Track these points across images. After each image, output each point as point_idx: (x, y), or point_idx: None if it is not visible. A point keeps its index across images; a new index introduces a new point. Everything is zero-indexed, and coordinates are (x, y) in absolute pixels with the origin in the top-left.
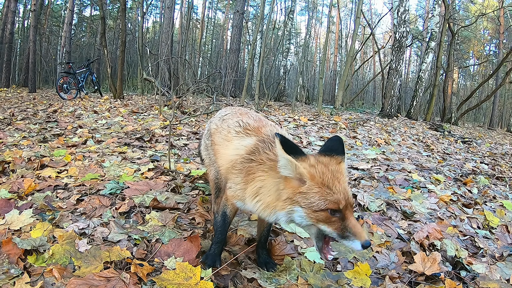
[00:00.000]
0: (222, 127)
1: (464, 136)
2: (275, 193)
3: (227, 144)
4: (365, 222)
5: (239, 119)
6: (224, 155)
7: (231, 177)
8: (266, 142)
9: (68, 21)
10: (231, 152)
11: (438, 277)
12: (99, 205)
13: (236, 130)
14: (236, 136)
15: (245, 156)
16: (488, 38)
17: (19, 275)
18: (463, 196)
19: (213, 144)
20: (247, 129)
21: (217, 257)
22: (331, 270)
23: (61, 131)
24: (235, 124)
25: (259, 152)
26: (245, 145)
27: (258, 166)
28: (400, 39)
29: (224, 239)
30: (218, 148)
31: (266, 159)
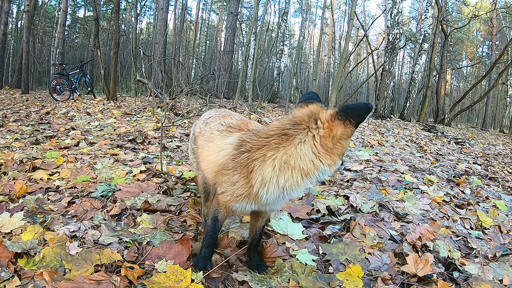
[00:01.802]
0: (205, 130)
1: (457, 137)
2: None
3: (210, 145)
4: (357, 223)
5: (221, 120)
6: (208, 158)
7: (223, 180)
8: (251, 132)
9: (62, 22)
10: (216, 154)
11: (430, 279)
12: (91, 208)
13: (219, 130)
14: (219, 135)
15: (234, 153)
16: (481, 39)
17: (9, 278)
18: (456, 197)
19: (197, 148)
20: (230, 127)
21: (208, 260)
22: (323, 272)
23: (53, 133)
24: (218, 125)
25: (250, 140)
26: (230, 143)
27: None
28: (394, 41)
29: (214, 242)
30: (201, 151)
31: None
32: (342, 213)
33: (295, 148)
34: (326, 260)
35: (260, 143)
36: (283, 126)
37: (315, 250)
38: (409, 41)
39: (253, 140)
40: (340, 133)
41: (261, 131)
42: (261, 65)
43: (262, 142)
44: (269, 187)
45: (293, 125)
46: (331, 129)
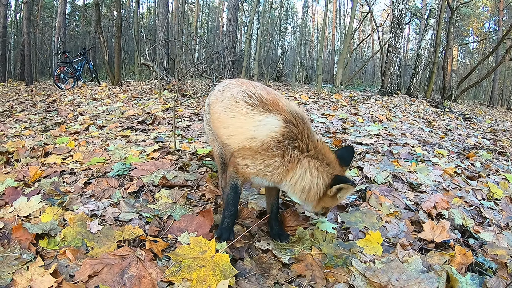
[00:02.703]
0: (223, 96)
1: (465, 113)
2: (319, 197)
3: (239, 116)
4: (373, 193)
5: (245, 88)
6: (237, 127)
7: (255, 157)
8: (295, 124)
9: (61, 10)
10: (252, 128)
11: (447, 244)
12: (108, 187)
13: (249, 102)
14: (252, 109)
15: (284, 141)
16: (487, 15)
17: (31, 259)
18: (466, 169)
19: (214, 114)
20: (264, 103)
21: (231, 230)
22: (343, 240)
23: (62, 120)
24: (244, 94)
25: (301, 138)
26: (275, 126)
27: (301, 157)
28: (399, 16)
29: (236, 211)
30: (222, 118)
31: (306, 149)
32: (358, 183)
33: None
34: (345, 228)
35: (311, 154)
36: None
37: (334, 219)
38: (414, 16)
39: (306, 144)
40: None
41: (314, 141)
42: (265, 44)
43: (312, 154)
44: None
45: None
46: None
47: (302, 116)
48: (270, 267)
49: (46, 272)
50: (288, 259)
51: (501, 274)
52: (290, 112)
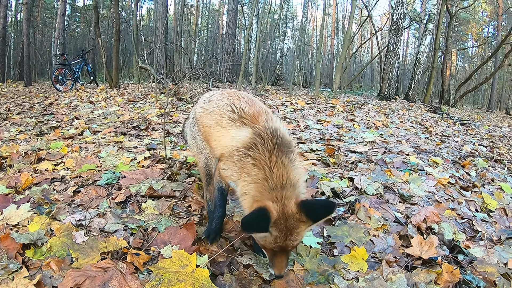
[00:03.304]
0: (211, 109)
1: (463, 118)
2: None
3: (222, 130)
4: (362, 205)
5: (230, 101)
6: (219, 140)
7: (227, 162)
8: (262, 137)
9: (61, 12)
10: (228, 140)
11: (435, 261)
12: (96, 196)
13: (231, 117)
14: (232, 124)
15: (242, 149)
16: (486, 20)
17: (17, 269)
18: (461, 179)
19: (203, 127)
20: (243, 117)
21: (218, 231)
22: (328, 255)
23: (57, 123)
24: (228, 108)
25: (255, 148)
26: (241, 139)
27: (251, 165)
28: (398, 21)
29: (223, 213)
30: (211, 131)
31: (258, 159)
32: (347, 195)
33: None
34: (331, 243)
35: (256, 163)
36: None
37: (320, 233)
38: (413, 21)
39: (257, 154)
40: None
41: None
42: (264, 47)
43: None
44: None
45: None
46: None
47: (275, 131)
48: (250, 283)
49: (31, 283)
50: (269, 275)
51: None
52: (264, 126)
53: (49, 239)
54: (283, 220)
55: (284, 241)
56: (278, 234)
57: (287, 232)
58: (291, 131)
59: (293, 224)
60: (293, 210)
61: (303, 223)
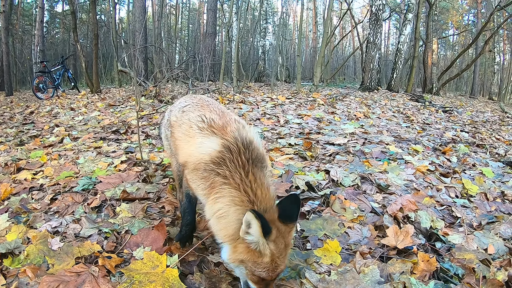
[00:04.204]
0: (182, 121)
1: (445, 106)
2: (232, 235)
3: (189, 140)
4: (337, 198)
5: (201, 113)
6: (186, 151)
7: (192, 174)
8: (232, 150)
9: (40, 19)
10: (195, 150)
11: (411, 250)
12: (72, 202)
13: (199, 126)
14: (200, 133)
15: (210, 165)
16: (466, 8)
17: None
18: (441, 166)
19: (173, 137)
20: (212, 127)
21: (188, 238)
22: (301, 249)
23: (37, 132)
24: (198, 119)
25: (224, 165)
26: (210, 150)
27: (222, 184)
28: (377, 12)
29: (192, 220)
30: (179, 143)
31: (230, 177)
32: (323, 188)
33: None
34: (304, 237)
35: (233, 183)
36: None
37: None
38: (393, 12)
39: (227, 172)
40: None
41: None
42: (246, 45)
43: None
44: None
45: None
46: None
47: (249, 144)
48: (220, 281)
49: None
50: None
51: (467, 281)
52: (234, 137)
53: (26, 247)
54: (281, 240)
55: (284, 264)
56: (279, 258)
57: (285, 253)
58: (270, 126)
59: (288, 240)
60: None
61: (291, 230)
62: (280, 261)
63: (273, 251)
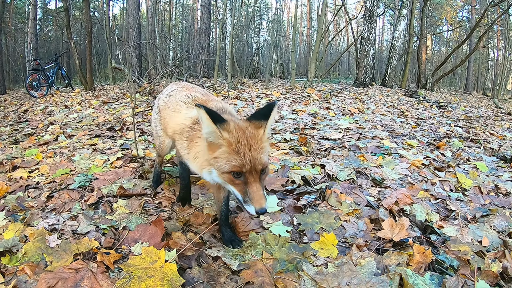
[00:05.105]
0: (170, 102)
1: (440, 101)
2: (203, 155)
3: (177, 114)
4: (333, 192)
5: (187, 92)
6: (174, 123)
7: (179, 140)
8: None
9: (33, 16)
10: (180, 121)
11: (406, 243)
12: (69, 200)
13: (185, 102)
14: (185, 107)
15: (190, 126)
16: (460, 4)
17: None
18: (435, 160)
19: (162, 118)
20: (196, 101)
21: (186, 199)
22: (298, 243)
23: (32, 130)
24: (184, 97)
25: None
26: (191, 116)
27: (198, 133)
28: (371, 8)
29: (188, 183)
30: (168, 121)
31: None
32: (318, 182)
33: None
34: (301, 231)
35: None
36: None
37: (290, 221)
38: (388, 8)
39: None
40: None
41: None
42: (240, 41)
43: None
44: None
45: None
46: None
47: (225, 110)
48: (218, 274)
49: None
50: (237, 265)
51: (462, 272)
52: (213, 106)
53: (23, 245)
54: (240, 130)
55: (250, 153)
56: (238, 145)
57: (247, 142)
58: None
59: (252, 133)
60: (245, 123)
61: (260, 128)
62: (241, 152)
63: (229, 140)
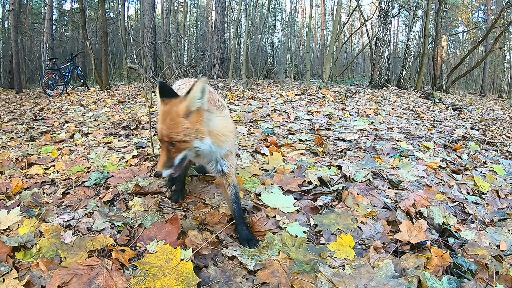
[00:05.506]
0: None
1: (455, 103)
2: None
3: None
4: (350, 193)
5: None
6: None
7: None
8: None
9: (49, 16)
10: None
11: (424, 246)
12: (84, 196)
13: None
14: None
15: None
16: (476, 4)
17: (8, 272)
18: (452, 163)
19: None
20: None
21: (180, 192)
22: (314, 244)
23: (48, 128)
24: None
25: None
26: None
27: None
28: (386, 9)
29: (184, 178)
30: None
31: None
32: (335, 183)
33: None
34: (317, 231)
35: None
36: None
37: (307, 222)
38: (403, 8)
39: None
40: None
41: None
42: (254, 42)
43: None
44: None
45: None
46: None
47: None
48: (234, 274)
49: (20, 283)
50: (253, 265)
51: (481, 276)
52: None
53: (38, 240)
54: (169, 105)
55: (161, 125)
56: (161, 117)
57: (163, 116)
58: (280, 122)
59: (170, 108)
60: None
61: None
62: (159, 123)
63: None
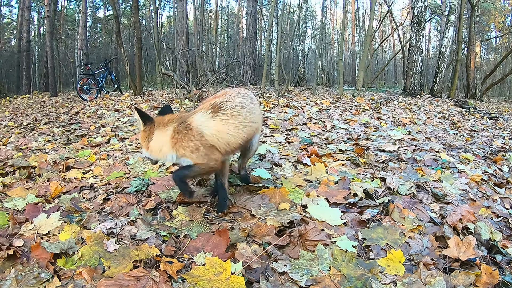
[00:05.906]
0: None
1: (491, 112)
2: None
3: None
4: (396, 206)
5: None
6: None
7: None
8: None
9: (83, 23)
10: None
11: (473, 263)
12: (126, 203)
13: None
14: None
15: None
16: (508, 8)
17: (49, 279)
18: (494, 175)
19: None
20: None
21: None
22: (364, 258)
23: (84, 132)
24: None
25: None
26: None
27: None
28: (419, 15)
29: (225, 187)
30: None
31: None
32: (380, 196)
33: None
34: (366, 246)
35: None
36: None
37: (355, 236)
38: (434, 14)
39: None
40: None
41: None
42: (285, 48)
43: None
44: None
45: None
46: None
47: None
48: None
49: None
50: (305, 281)
51: None
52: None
53: (80, 248)
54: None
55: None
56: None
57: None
58: (317, 131)
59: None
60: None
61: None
62: None
63: None
